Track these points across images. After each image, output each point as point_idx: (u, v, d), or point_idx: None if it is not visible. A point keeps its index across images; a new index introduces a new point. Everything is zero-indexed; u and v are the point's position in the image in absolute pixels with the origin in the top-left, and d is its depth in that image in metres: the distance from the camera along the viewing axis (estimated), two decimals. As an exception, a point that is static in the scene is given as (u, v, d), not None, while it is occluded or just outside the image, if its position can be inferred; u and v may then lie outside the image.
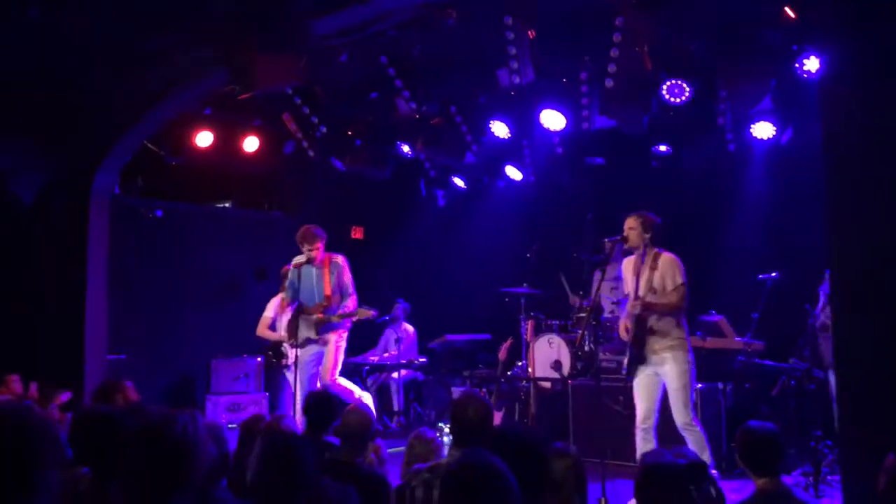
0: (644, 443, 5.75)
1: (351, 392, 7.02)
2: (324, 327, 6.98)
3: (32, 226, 8.77)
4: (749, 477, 3.67)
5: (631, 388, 5.92)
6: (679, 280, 5.68)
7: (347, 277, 7.08)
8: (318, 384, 6.96)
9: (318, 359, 7.05)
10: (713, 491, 2.95)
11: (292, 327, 7.01)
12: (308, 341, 6.98)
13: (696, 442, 5.57)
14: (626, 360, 5.90)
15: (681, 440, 5.67)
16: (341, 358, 7.14)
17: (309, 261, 7.02)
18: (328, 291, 6.93)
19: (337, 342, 7.02)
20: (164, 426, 2.37)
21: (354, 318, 7.11)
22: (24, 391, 6.76)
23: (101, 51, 7.37)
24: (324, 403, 4.68)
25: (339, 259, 7.10)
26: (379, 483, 3.65)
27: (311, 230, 7.08)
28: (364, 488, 2.88)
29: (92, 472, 2.96)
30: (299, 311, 7.01)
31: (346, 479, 3.35)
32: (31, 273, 8.90)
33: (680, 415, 5.63)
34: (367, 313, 7.12)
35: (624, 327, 5.92)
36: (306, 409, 4.76)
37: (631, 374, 5.83)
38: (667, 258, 5.74)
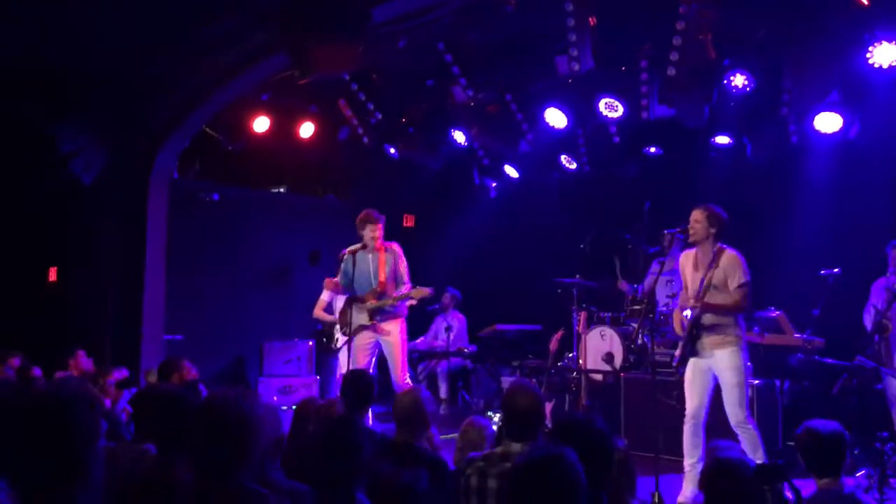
0: (692, 437, 5.63)
1: None
2: (379, 315, 6.91)
3: (92, 208, 8.98)
4: (807, 476, 3.56)
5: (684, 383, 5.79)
6: (742, 279, 5.50)
7: (403, 265, 6.97)
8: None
9: (375, 348, 6.96)
10: (790, 493, 2.85)
11: (345, 315, 6.96)
12: (362, 328, 6.92)
13: (749, 441, 5.44)
14: (677, 352, 5.78)
15: (729, 436, 5.53)
16: (406, 353, 7.02)
17: (365, 246, 6.95)
18: (382, 278, 6.83)
19: (402, 336, 6.89)
20: (229, 403, 2.39)
21: (412, 302, 6.99)
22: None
23: (163, 37, 7.48)
24: (360, 384, 4.68)
25: (395, 247, 7.01)
26: (440, 466, 3.65)
27: (371, 213, 7.00)
28: (426, 471, 2.88)
29: (156, 449, 3.00)
30: (353, 299, 6.97)
31: (407, 461, 3.34)
32: (91, 254, 9.12)
33: (734, 413, 5.49)
34: (424, 291, 6.87)
35: (679, 321, 5.80)
36: (343, 390, 4.74)
37: (682, 365, 5.71)
38: (730, 255, 5.55)
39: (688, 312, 5.71)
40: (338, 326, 7.25)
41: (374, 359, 6.99)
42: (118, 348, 8.26)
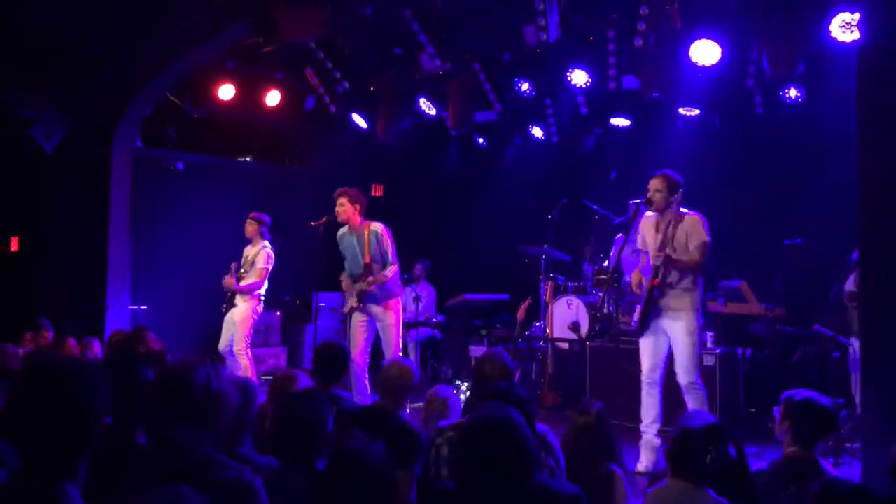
0: (648, 398, 5.77)
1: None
2: (366, 297, 6.83)
3: (55, 176, 8.82)
4: (767, 442, 3.61)
5: None
6: (703, 238, 5.62)
7: (387, 245, 6.88)
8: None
9: (370, 325, 6.93)
10: (734, 451, 2.91)
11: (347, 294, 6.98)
12: (353, 310, 6.91)
13: (696, 401, 5.59)
14: (635, 315, 5.86)
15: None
16: (399, 333, 6.99)
17: (349, 229, 6.93)
18: (367, 259, 6.81)
19: (396, 317, 6.88)
20: (187, 375, 2.37)
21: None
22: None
23: (124, 2, 7.32)
24: (332, 356, 4.70)
25: (378, 227, 6.92)
26: (413, 435, 3.69)
27: (342, 189, 6.96)
28: (398, 439, 2.91)
29: (112, 421, 2.98)
30: (351, 280, 6.95)
31: (381, 428, 3.37)
32: (53, 223, 8.98)
33: (685, 374, 5.62)
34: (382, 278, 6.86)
35: (637, 281, 5.88)
36: (315, 362, 4.77)
37: (642, 330, 5.79)
38: (692, 217, 5.68)
39: (642, 278, 5.79)
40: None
41: (370, 335, 6.95)
42: (82, 318, 8.17)
